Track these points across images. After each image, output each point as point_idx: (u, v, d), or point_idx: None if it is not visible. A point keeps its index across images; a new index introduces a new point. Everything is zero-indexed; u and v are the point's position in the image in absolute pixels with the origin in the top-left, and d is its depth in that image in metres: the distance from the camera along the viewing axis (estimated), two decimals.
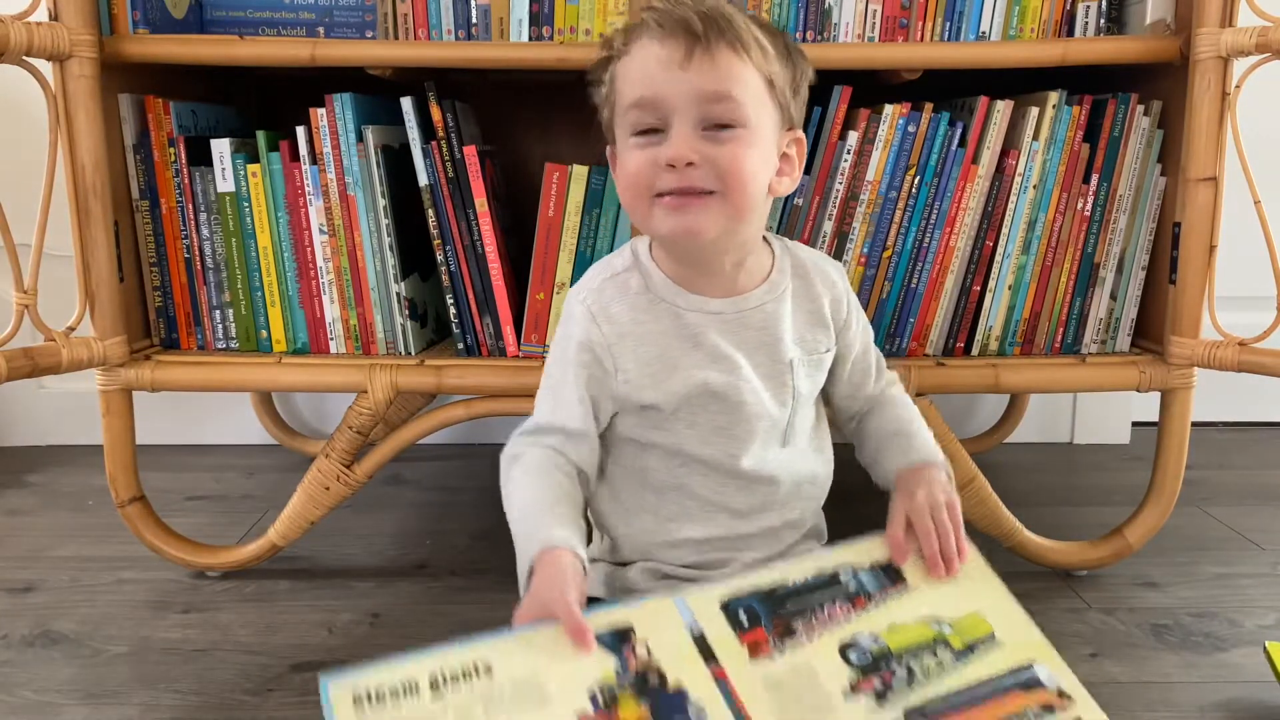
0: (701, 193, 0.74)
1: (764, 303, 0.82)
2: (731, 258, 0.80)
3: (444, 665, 0.65)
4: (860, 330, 0.88)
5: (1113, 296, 1.10)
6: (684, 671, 0.68)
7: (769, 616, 0.72)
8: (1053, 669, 0.72)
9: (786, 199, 1.05)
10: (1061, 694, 0.71)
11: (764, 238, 0.84)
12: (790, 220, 1.05)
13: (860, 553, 0.78)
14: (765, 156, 0.77)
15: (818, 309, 0.85)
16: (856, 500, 0.89)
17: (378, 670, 0.64)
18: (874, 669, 0.70)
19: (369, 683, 0.64)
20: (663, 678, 0.67)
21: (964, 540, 0.78)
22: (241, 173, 1.06)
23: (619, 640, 0.68)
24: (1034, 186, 1.05)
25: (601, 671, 0.67)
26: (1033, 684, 0.71)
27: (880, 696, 0.69)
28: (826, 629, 0.72)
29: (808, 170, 1.05)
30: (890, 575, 0.76)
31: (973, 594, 0.77)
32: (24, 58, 0.92)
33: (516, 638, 0.67)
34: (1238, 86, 0.97)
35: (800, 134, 0.82)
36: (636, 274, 0.82)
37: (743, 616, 0.72)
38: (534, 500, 0.78)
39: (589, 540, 0.83)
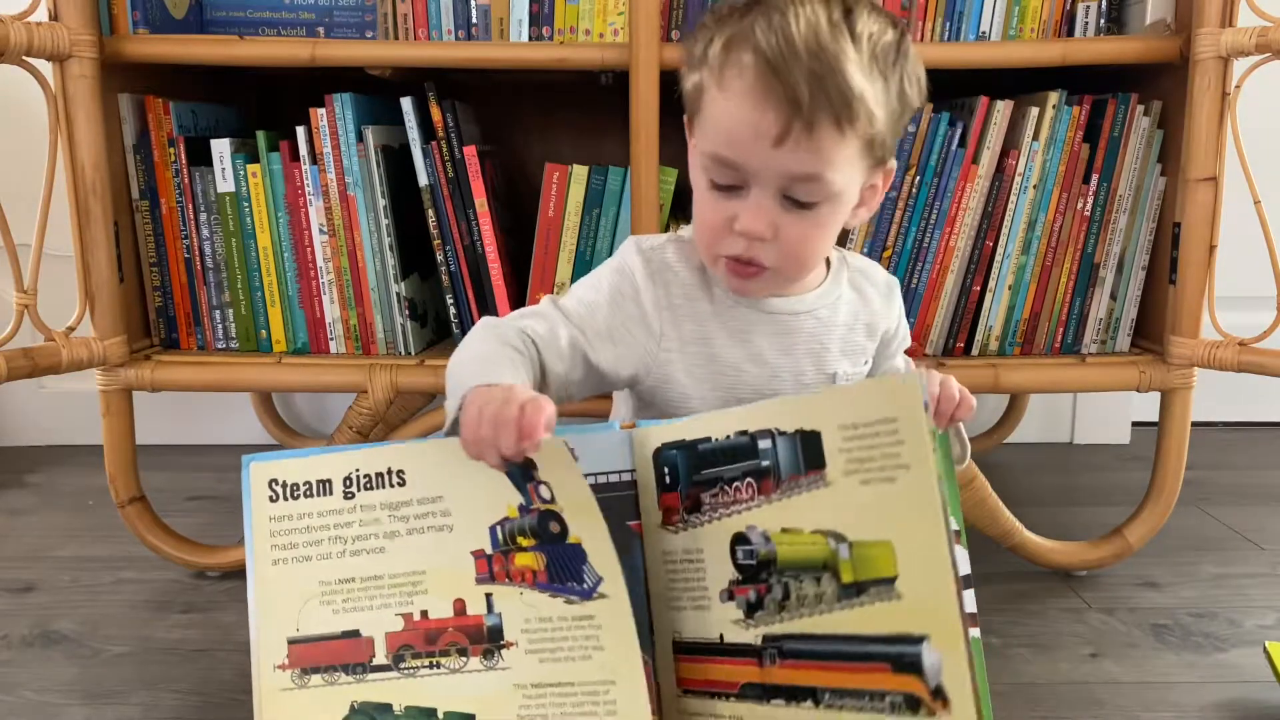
0: (761, 267, 0.72)
1: (817, 308, 0.79)
2: None
3: (360, 465, 0.66)
4: (901, 343, 0.88)
5: (1113, 296, 1.10)
6: (582, 524, 0.65)
7: (687, 480, 0.66)
8: (946, 658, 0.57)
9: None
10: (938, 694, 0.57)
11: None
12: None
13: (798, 408, 0.64)
14: (839, 220, 0.74)
15: (872, 322, 0.83)
16: None
17: (300, 460, 0.66)
18: (754, 576, 0.64)
19: (287, 470, 0.66)
20: (563, 527, 0.65)
21: (968, 403, 0.68)
22: (241, 173, 1.06)
23: (523, 475, 0.65)
24: (1034, 186, 1.05)
25: (506, 506, 0.65)
26: (910, 666, 0.58)
27: (750, 610, 0.64)
28: (728, 511, 0.65)
29: None
30: (810, 457, 0.63)
31: (895, 516, 0.59)
32: (24, 58, 0.92)
33: (435, 445, 0.66)
34: (1238, 86, 0.97)
35: (892, 164, 0.76)
36: (697, 253, 0.78)
37: (666, 474, 0.67)
38: (486, 352, 0.70)
39: None
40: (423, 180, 1.05)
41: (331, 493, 0.66)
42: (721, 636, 0.65)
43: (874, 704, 0.59)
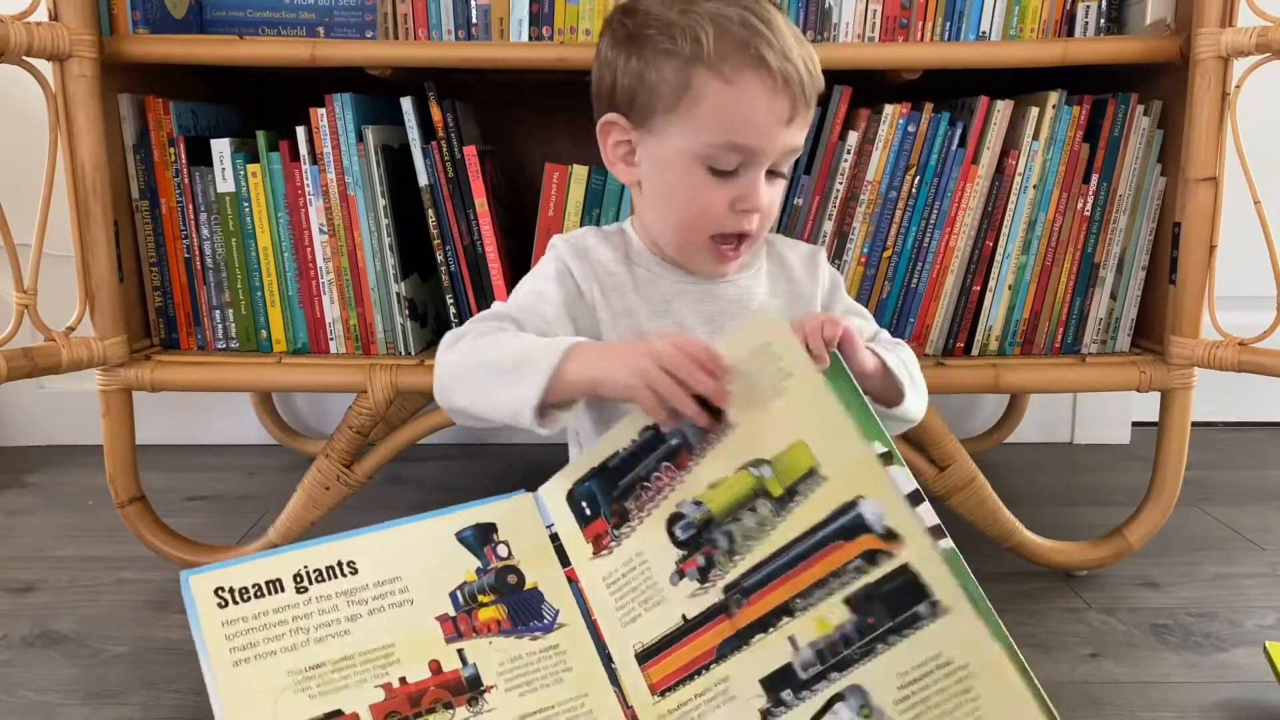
0: (745, 239, 0.80)
1: (738, 277, 0.84)
2: None
3: (308, 561, 0.68)
4: (845, 310, 0.89)
5: (1113, 296, 1.10)
6: (540, 571, 0.72)
7: (606, 501, 0.73)
8: (883, 503, 0.64)
9: (786, 199, 1.05)
10: (889, 535, 0.64)
11: None
12: (790, 220, 1.05)
13: None
14: None
15: (798, 289, 0.87)
16: None
17: (242, 566, 0.67)
18: (697, 543, 0.70)
19: (231, 577, 0.66)
20: (521, 577, 0.72)
21: (825, 343, 0.72)
22: (241, 173, 1.06)
23: (481, 539, 0.73)
24: (1034, 186, 1.05)
25: (464, 572, 0.71)
26: (856, 529, 0.65)
27: (703, 575, 0.69)
28: (654, 503, 0.72)
29: (807, 170, 1.05)
30: (710, 412, 0.70)
31: (796, 416, 0.68)
32: (24, 58, 0.92)
33: (382, 535, 0.71)
34: (1238, 86, 0.97)
35: None
36: (620, 239, 0.85)
37: (585, 507, 0.73)
38: (529, 335, 0.76)
39: None
40: (423, 180, 1.05)
41: (283, 590, 0.67)
42: (684, 616, 0.69)
43: (840, 581, 0.65)
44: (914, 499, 0.66)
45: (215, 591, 0.66)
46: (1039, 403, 1.61)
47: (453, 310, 1.08)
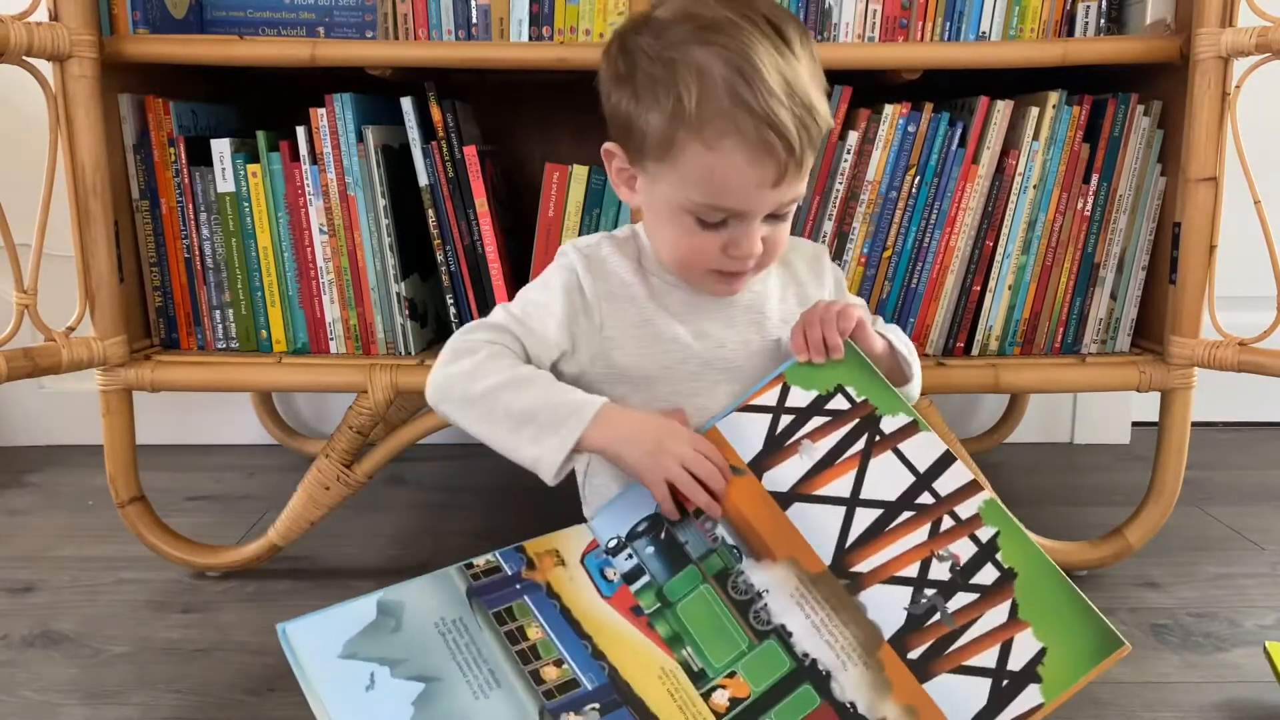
0: (747, 271, 0.80)
1: (750, 282, 0.84)
2: None
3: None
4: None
5: (1113, 296, 1.10)
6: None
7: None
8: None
9: None
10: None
11: None
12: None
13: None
14: None
15: (804, 291, 0.88)
16: None
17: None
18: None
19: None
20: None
21: (839, 334, 0.79)
22: (241, 173, 1.06)
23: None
24: (1034, 186, 1.05)
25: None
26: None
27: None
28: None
29: None
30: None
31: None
32: (24, 58, 0.92)
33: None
34: (1238, 86, 0.97)
35: None
36: (634, 245, 0.85)
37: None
38: (545, 380, 0.78)
39: None
40: (423, 180, 1.05)
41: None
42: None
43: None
44: (946, 460, 0.74)
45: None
46: (1039, 403, 1.61)
47: (453, 310, 1.08)
